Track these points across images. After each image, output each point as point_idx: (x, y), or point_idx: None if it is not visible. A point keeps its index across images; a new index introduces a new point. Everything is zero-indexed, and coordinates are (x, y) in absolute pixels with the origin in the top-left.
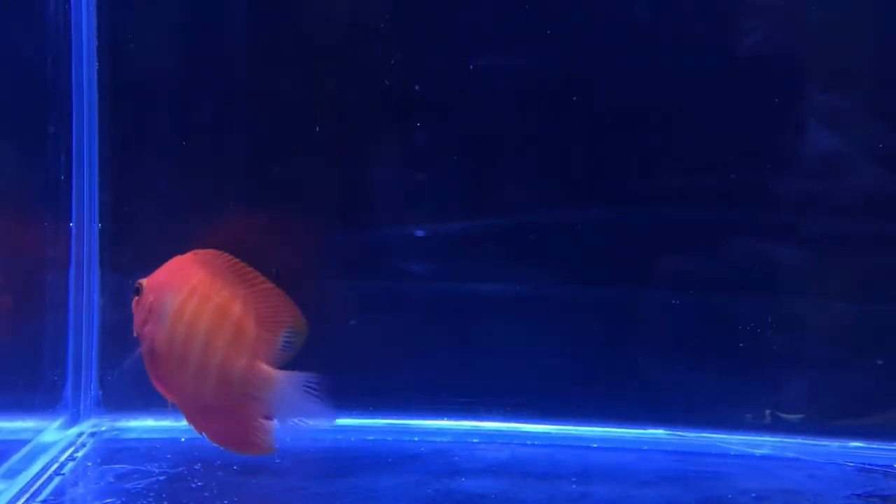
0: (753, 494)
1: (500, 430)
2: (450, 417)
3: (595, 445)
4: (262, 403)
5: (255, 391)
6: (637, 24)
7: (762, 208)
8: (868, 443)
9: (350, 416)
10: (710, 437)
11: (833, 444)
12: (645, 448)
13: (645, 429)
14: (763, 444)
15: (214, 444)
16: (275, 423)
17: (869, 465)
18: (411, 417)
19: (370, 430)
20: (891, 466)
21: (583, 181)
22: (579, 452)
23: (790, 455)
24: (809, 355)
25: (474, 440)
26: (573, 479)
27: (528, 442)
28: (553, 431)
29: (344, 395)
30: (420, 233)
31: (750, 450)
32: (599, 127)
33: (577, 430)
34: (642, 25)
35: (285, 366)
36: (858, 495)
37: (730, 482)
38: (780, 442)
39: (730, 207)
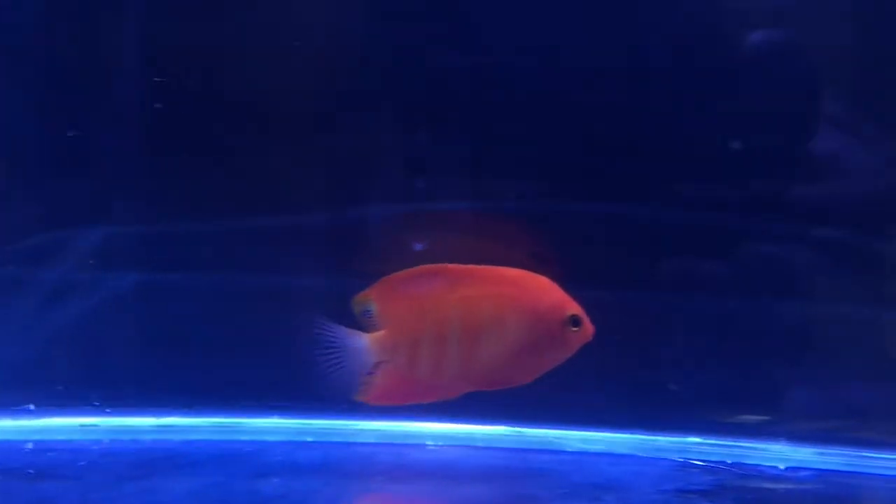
0: (562, 490)
1: (335, 428)
2: (283, 416)
3: (429, 444)
4: None
5: None
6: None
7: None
8: (706, 438)
9: (176, 414)
10: (547, 434)
11: (668, 440)
12: (480, 445)
13: (486, 425)
14: (598, 440)
15: None
16: None
17: (703, 461)
18: (237, 416)
19: (194, 429)
20: (723, 462)
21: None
22: (407, 450)
23: (623, 451)
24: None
25: (308, 439)
26: (387, 478)
27: (361, 440)
28: (387, 428)
29: (169, 392)
30: None
31: (585, 446)
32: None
33: (412, 426)
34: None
35: None
36: (664, 490)
37: (549, 478)
38: (614, 438)
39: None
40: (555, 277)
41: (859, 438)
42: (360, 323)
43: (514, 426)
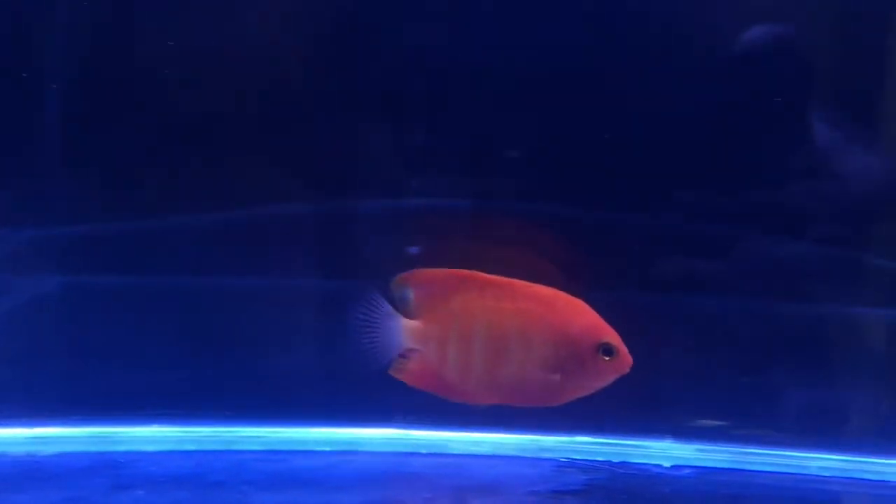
0: (428, 494)
1: (217, 436)
2: (161, 423)
3: (318, 449)
4: None
5: None
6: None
7: None
8: (594, 438)
9: (52, 424)
10: (435, 436)
11: (554, 440)
12: (364, 450)
13: (371, 428)
14: (485, 442)
15: None
16: None
17: (587, 461)
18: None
19: (69, 440)
20: (608, 462)
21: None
22: (290, 457)
23: (509, 453)
24: None
25: (189, 447)
26: (256, 487)
27: (242, 448)
28: (271, 435)
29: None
30: None
31: (473, 448)
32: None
33: (297, 432)
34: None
35: None
36: (536, 492)
37: (421, 482)
38: (501, 440)
39: None
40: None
41: (741, 436)
42: (399, 306)
43: (400, 428)
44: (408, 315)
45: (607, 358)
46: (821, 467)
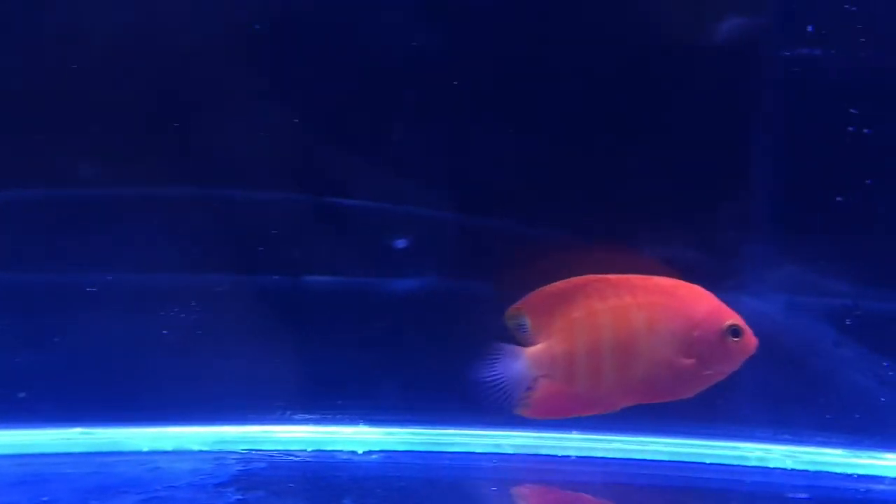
0: (45, 498)
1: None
2: None
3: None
4: None
5: None
6: None
7: None
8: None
9: None
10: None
11: (231, 431)
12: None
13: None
14: (168, 438)
15: None
16: None
17: (276, 451)
18: None
19: None
20: (290, 451)
21: None
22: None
23: (191, 448)
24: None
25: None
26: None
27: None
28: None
29: None
30: None
31: (156, 445)
32: None
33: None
34: None
35: None
36: (174, 486)
37: (72, 483)
38: (183, 433)
39: None
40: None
41: (430, 419)
42: (516, 337)
43: (85, 428)
44: (527, 343)
45: (735, 339)
46: (514, 445)
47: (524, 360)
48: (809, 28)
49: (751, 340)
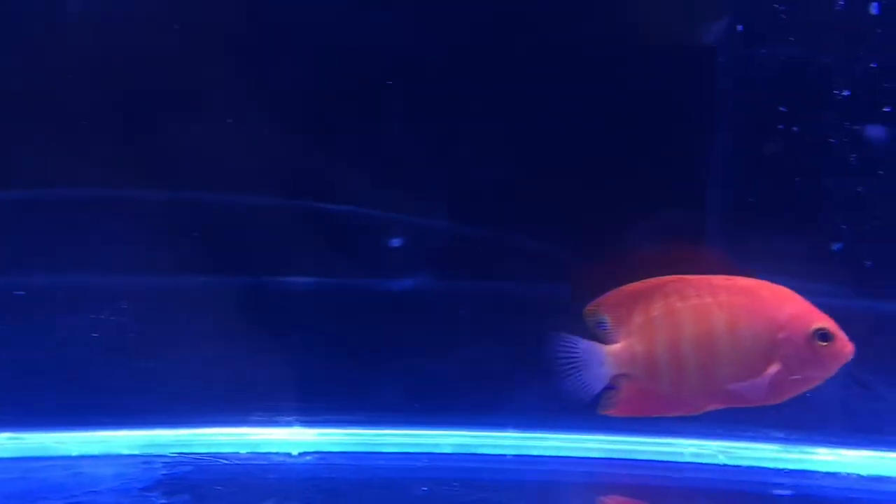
0: None
1: None
2: None
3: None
4: None
5: None
6: None
7: None
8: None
9: None
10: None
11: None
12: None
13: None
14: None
15: None
16: None
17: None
18: None
19: None
20: (236, 454)
21: None
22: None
23: (122, 451)
24: None
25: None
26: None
27: None
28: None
29: None
30: None
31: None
32: None
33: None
34: None
35: None
36: (97, 491)
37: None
38: (111, 438)
39: None
40: None
41: (365, 419)
42: (596, 334)
43: (13, 433)
44: (607, 341)
45: (824, 344)
46: (454, 444)
47: (603, 358)
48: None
49: (845, 346)
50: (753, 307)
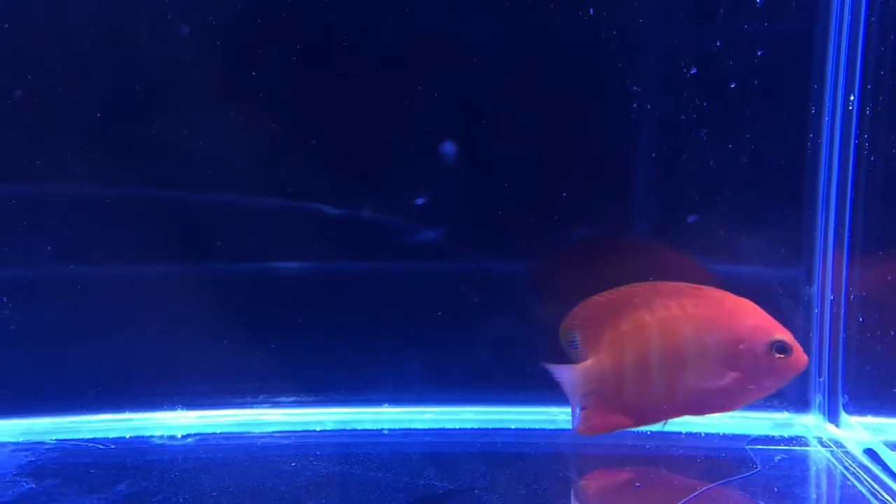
0: None
1: None
2: None
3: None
4: None
5: None
6: None
7: None
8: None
9: None
10: None
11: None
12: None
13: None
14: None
15: None
16: None
17: (92, 439)
18: None
19: None
20: (105, 440)
21: None
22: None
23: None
24: None
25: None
26: None
27: None
28: None
29: None
30: None
31: None
32: None
33: None
34: None
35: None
36: None
37: None
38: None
39: None
40: None
41: (240, 401)
42: (569, 354)
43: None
44: (578, 359)
45: (781, 356)
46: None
47: (575, 378)
48: None
49: (800, 358)
50: (718, 318)
